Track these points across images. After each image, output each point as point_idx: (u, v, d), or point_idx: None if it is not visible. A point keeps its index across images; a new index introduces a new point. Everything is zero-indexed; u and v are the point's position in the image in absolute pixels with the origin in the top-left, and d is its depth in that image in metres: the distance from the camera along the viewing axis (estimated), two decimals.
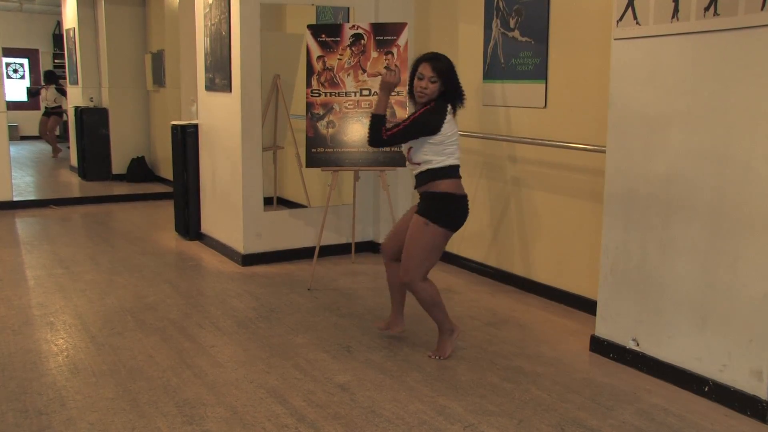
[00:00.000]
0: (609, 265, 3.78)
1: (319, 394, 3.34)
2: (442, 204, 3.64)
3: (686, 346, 3.41)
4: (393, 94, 5.10)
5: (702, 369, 3.34)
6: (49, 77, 13.76)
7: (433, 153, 3.61)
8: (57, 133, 13.74)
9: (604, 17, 4.12)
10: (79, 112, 10.39)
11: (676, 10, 3.28)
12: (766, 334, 3.07)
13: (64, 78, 12.77)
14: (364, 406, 3.21)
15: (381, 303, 4.70)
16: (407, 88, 3.77)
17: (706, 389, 3.31)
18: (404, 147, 3.73)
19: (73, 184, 10.22)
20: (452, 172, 3.66)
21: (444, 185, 3.63)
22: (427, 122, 3.57)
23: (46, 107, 13.64)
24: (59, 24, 14.70)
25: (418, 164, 3.65)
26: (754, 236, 3.08)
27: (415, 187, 3.76)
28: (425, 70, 3.58)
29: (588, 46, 4.39)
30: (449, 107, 3.65)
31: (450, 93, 3.63)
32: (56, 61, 16.18)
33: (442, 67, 3.58)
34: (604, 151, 3.83)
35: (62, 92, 13.23)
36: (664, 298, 3.49)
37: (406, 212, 3.92)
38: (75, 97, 11.20)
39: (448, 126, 3.61)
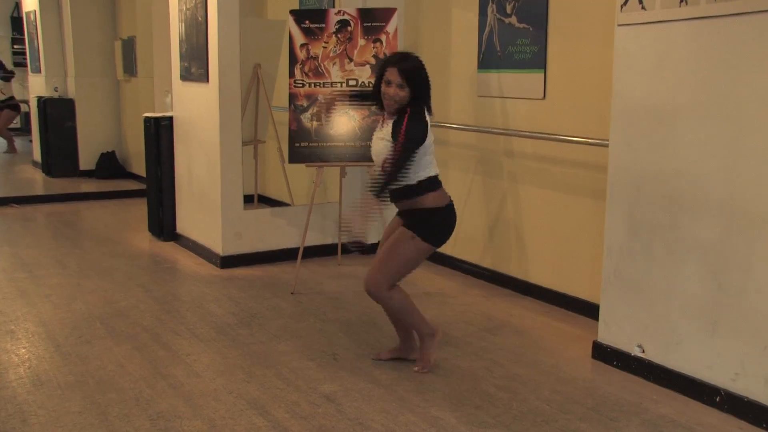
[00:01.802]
0: (612, 267, 3.79)
1: (304, 405, 3.33)
2: (431, 220, 3.58)
3: (696, 353, 3.42)
4: None
5: (713, 378, 3.35)
6: None
7: (416, 165, 3.48)
8: (15, 125, 13.41)
9: (607, 2, 4.13)
10: (43, 102, 10.30)
11: None
12: None
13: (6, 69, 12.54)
14: (352, 418, 3.20)
15: (369, 307, 4.69)
16: (372, 91, 3.62)
17: (718, 399, 3.32)
18: (377, 157, 3.57)
19: (36, 180, 10.16)
20: (434, 183, 3.57)
21: (429, 200, 3.55)
22: (416, 136, 3.43)
23: None
24: (18, 5, 14.56)
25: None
26: (767, 235, 3.08)
27: (392, 201, 3.62)
28: (392, 75, 3.44)
29: (590, 33, 4.40)
30: (425, 111, 3.53)
31: (422, 98, 3.51)
32: (15, 46, 15.96)
33: (410, 69, 3.45)
34: (606, 145, 3.84)
35: (6, 79, 12.88)
36: (672, 302, 3.50)
37: (391, 223, 3.79)
38: (38, 86, 11.10)
39: (430, 133, 3.53)
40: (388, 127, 3.52)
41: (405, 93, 3.46)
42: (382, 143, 3.54)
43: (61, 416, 3.21)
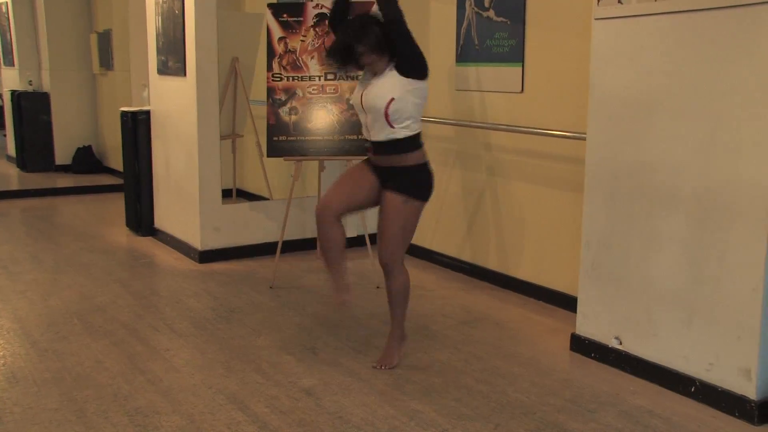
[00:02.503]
0: (590, 260, 3.82)
1: (283, 399, 3.33)
2: (417, 177, 3.57)
3: (672, 344, 3.45)
4: (359, 76, 5.09)
5: (688, 368, 3.39)
6: None
7: (417, 114, 3.50)
8: None
9: None
10: (17, 96, 10.17)
11: None
12: (754, 330, 3.12)
13: None
14: (331, 412, 3.21)
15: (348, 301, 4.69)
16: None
17: (693, 389, 3.36)
18: (381, 100, 3.43)
19: (10, 175, 10.05)
20: (418, 140, 3.58)
21: (412, 158, 3.54)
22: (420, 52, 3.49)
23: None
24: None
25: (393, 128, 3.47)
26: (743, 228, 3.12)
27: (375, 154, 3.57)
28: (361, 51, 3.48)
29: (568, 27, 4.42)
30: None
31: (402, 57, 3.50)
32: None
33: (369, 29, 3.47)
34: (584, 139, 3.86)
35: None
36: (649, 294, 3.53)
37: (353, 169, 3.73)
38: (11, 80, 10.97)
39: (426, 85, 3.56)
40: (386, 72, 3.48)
41: (375, 56, 3.47)
42: (384, 83, 3.46)
43: (38, 413, 3.18)
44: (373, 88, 3.49)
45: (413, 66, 3.47)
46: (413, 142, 3.54)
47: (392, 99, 3.42)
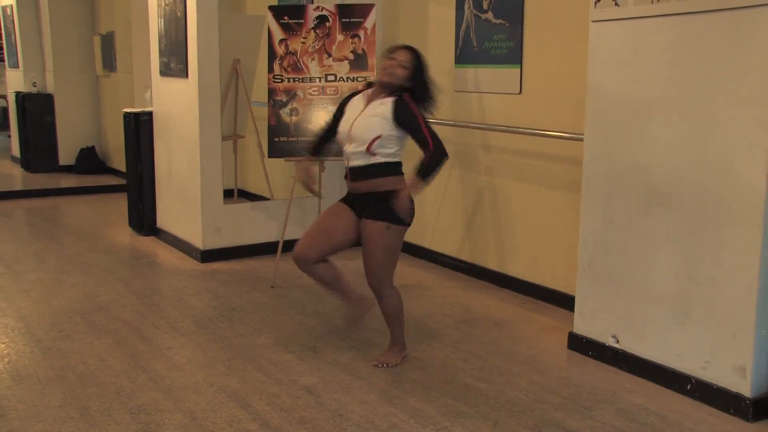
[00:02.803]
0: (587, 259, 3.82)
1: (284, 397, 3.33)
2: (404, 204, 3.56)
3: (668, 342, 3.46)
4: (360, 79, 5.10)
5: (684, 366, 3.39)
6: None
7: (396, 146, 3.53)
8: None
9: None
10: (21, 98, 10.18)
11: None
12: (749, 329, 3.12)
13: None
14: (332, 410, 3.21)
15: None
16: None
17: (689, 387, 3.36)
18: (367, 134, 3.46)
19: (15, 176, 10.05)
20: (399, 168, 3.59)
21: (398, 181, 3.54)
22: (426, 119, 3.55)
23: None
24: None
25: (374, 155, 3.48)
26: (738, 227, 3.12)
27: (353, 180, 3.56)
28: (401, 55, 3.51)
29: (565, 29, 4.42)
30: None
31: (417, 92, 3.53)
32: None
33: (419, 58, 3.53)
34: (581, 139, 3.86)
35: None
36: (645, 293, 3.53)
37: (326, 213, 3.70)
38: (15, 81, 10.98)
39: None
40: (382, 107, 3.48)
41: (403, 74, 3.48)
42: (375, 120, 3.47)
43: (42, 411, 3.18)
44: (363, 122, 3.49)
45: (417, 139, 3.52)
46: (393, 168, 3.55)
47: (379, 136, 3.46)
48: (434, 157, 3.42)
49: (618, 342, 3.70)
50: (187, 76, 5.64)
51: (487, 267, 5.18)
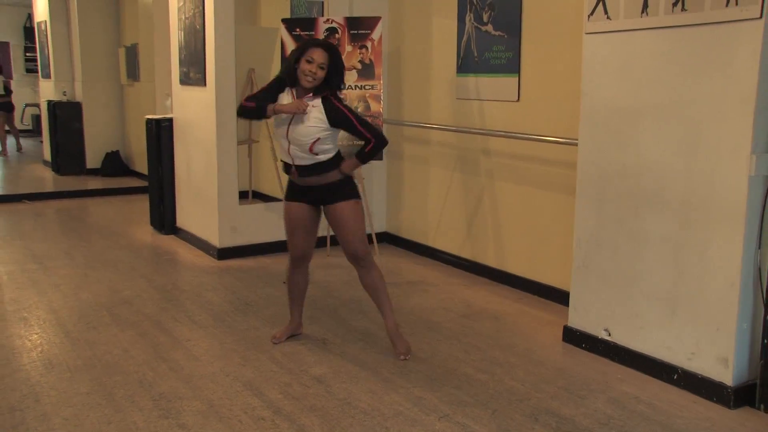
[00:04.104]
0: (581, 257, 3.82)
1: (295, 386, 3.34)
2: (352, 183, 3.66)
3: (656, 335, 3.45)
4: (368, 87, 5.11)
5: (671, 357, 3.39)
6: None
7: (333, 142, 3.57)
8: (25, 126, 13.22)
9: (575, 11, 4.16)
10: (52, 106, 10.24)
11: (645, 5, 3.31)
12: (731, 322, 3.12)
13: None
14: (340, 398, 3.22)
15: (356, 296, 4.70)
16: (282, 68, 3.57)
17: (675, 377, 3.36)
18: (306, 138, 3.48)
19: (46, 178, 10.09)
20: (340, 155, 3.64)
21: (337, 173, 3.60)
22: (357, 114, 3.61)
23: None
24: (30, 16, 14.46)
25: (317, 154, 3.52)
26: (722, 227, 3.12)
27: (305, 176, 3.56)
28: (317, 55, 3.43)
29: (560, 40, 4.42)
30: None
31: (334, 81, 3.52)
32: (27, 54, 15.90)
33: (335, 53, 3.51)
34: (576, 144, 3.86)
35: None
36: (636, 289, 3.53)
37: (289, 219, 3.70)
38: (48, 90, 11.04)
39: None
40: (315, 112, 3.47)
41: (322, 74, 3.46)
42: (312, 127, 3.47)
43: (71, 397, 3.21)
44: (300, 126, 3.48)
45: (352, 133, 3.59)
46: (336, 161, 3.58)
47: (318, 138, 3.49)
48: (376, 147, 3.55)
49: (610, 335, 3.70)
50: (205, 85, 5.66)
51: (487, 264, 5.18)
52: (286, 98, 3.57)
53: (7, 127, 12.86)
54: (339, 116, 3.50)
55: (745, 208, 3.03)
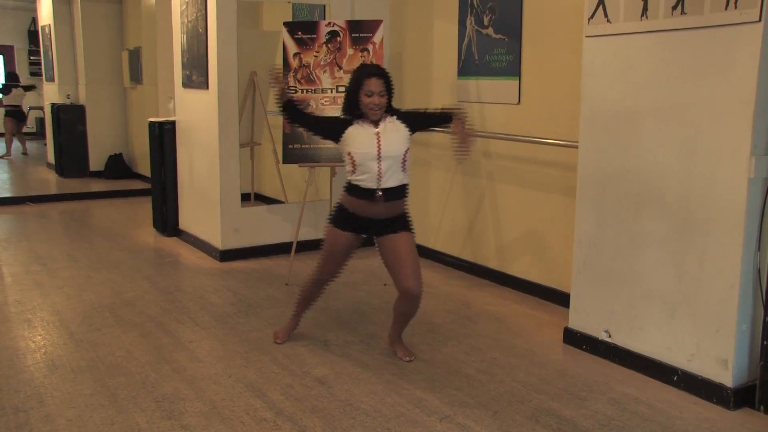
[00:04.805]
0: (582, 258, 3.82)
1: (297, 387, 3.34)
2: (408, 216, 3.62)
3: (656, 336, 3.45)
4: None
5: (671, 359, 3.39)
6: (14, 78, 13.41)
7: (406, 166, 3.53)
8: (29, 129, 13.30)
9: (576, 15, 4.15)
10: (56, 109, 10.26)
11: (645, 9, 3.31)
12: (731, 323, 3.12)
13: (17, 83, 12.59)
14: (342, 399, 3.22)
15: (358, 298, 4.70)
16: (344, 105, 3.50)
17: (675, 378, 3.36)
18: (399, 151, 3.42)
19: (50, 180, 10.10)
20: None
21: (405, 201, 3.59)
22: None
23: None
24: (34, 20, 14.49)
25: (406, 173, 3.47)
26: (721, 229, 3.12)
27: (390, 200, 3.45)
28: (375, 85, 3.38)
29: (560, 43, 4.42)
30: None
31: (391, 100, 3.51)
32: (32, 58, 15.94)
33: (388, 78, 3.46)
34: (576, 147, 3.86)
35: (6, 92, 12.92)
36: (636, 290, 3.53)
37: (340, 241, 3.60)
38: (51, 94, 11.05)
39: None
40: (392, 125, 3.45)
41: (385, 100, 3.44)
42: (402, 138, 3.45)
43: (75, 398, 3.21)
44: (389, 138, 3.42)
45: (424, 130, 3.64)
46: (407, 189, 3.56)
47: (408, 148, 3.47)
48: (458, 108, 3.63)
49: (610, 336, 3.70)
50: (207, 88, 5.66)
51: (488, 266, 5.18)
52: (359, 132, 3.45)
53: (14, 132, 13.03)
54: (410, 114, 3.56)
55: (744, 210, 3.03)
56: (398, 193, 3.49)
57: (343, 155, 3.51)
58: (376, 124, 3.45)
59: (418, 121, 3.58)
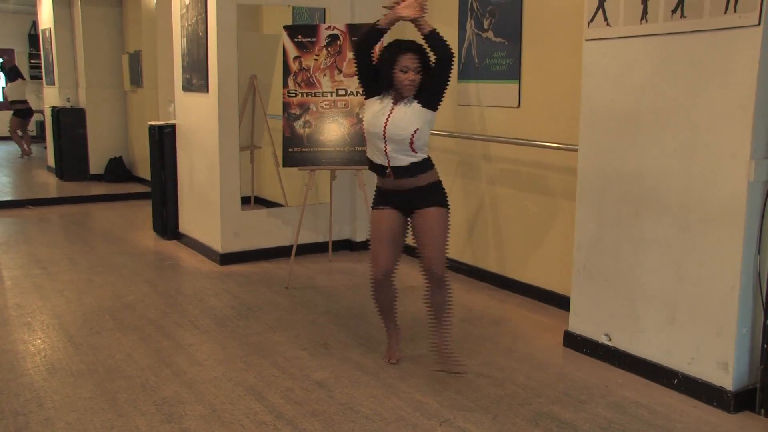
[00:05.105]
0: (582, 261, 3.81)
1: (297, 391, 3.34)
2: (442, 190, 3.48)
3: (657, 340, 3.45)
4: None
5: (671, 362, 3.38)
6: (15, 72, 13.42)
7: (426, 138, 3.39)
8: (19, 134, 13.34)
9: (575, 18, 4.15)
10: (56, 112, 10.27)
11: (644, 12, 3.32)
12: (732, 326, 3.11)
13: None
14: (342, 403, 3.21)
15: (358, 301, 4.70)
16: (385, 81, 3.31)
17: (676, 382, 3.35)
18: (408, 129, 3.28)
19: (50, 184, 10.10)
20: (431, 161, 3.48)
21: (435, 173, 3.45)
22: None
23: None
24: (35, 24, 14.50)
25: (416, 153, 3.34)
26: (722, 232, 3.12)
27: (398, 178, 3.36)
28: (411, 61, 3.25)
29: (560, 47, 4.42)
30: None
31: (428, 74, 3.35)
32: (32, 61, 15.95)
33: (425, 54, 3.32)
34: (576, 150, 3.86)
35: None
36: (636, 293, 3.53)
37: (378, 224, 3.47)
38: (52, 97, 11.06)
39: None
40: (407, 105, 3.32)
41: (420, 76, 3.28)
42: (411, 112, 3.30)
43: (74, 401, 3.20)
44: (397, 119, 3.31)
45: (438, 100, 3.36)
46: (430, 162, 3.44)
47: (417, 129, 3.31)
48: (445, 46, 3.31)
49: (610, 339, 3.69)
50: (207, 91, 5.66)
51: (487, 269, 5.18)
52: (377, 106, 3.36)
53: (20, 132, 13.07)
54: (422, 88, 3.30)
55: (744, 213, 3.03)
56: (410, 171, 3.36)
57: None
58: (398, 100, 3.34)
59: (427, 88, 3.31)
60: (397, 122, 3.31)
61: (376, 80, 3.38)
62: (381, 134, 3.33)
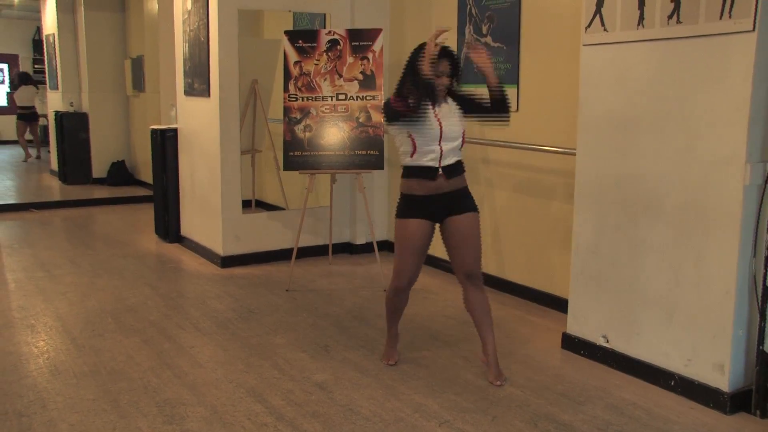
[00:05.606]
0: (580, 265, 3.82)
1: (298, 392, 3.34)
2: (472, 195, 3.52)
3: (654, 342, 3.45)
4: (369, 98, 5.12)
5: (668, 364, 3.39)
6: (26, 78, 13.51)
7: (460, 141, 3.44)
8: (27, 137, 13.42)
9: (573, 24, 4.17)
10: (59, 116, 10.28)
11: (641, 18, 3.33)
12: (727, 329, 3.12)
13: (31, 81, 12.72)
14: (342, 404, 3.22)
15: (358, 303, 4.70)
16: (404, 84, 3.27)
17: (672, 383, 3.35)
18: (459, 131, 3.37)
19: (53, 187, 10.11)
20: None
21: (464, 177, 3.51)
22: None
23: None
24: (39, 29, 14.53)
25: (459, 150, 3.41)
26: (718, 235, 3.13)
27: (452, 177, 3.39)
28: (445, 67, 3.30)
29: (558, 52, 4.43)
30: None
31: (457, 78, 3.43)
32: (36, 66, 15.99)
33: (458, 62, 3.39)
34: (574, 154, 3.87)
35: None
36: (634, 296, 3.53)
37: (413, 229, 3.42)
38: (55, 101, 11.08)
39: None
40: (450, 107, 3.39)
41: (450, 80, 3.36)
42: (452, 112, 3.38)
43: (77, 403, 3.21)
44: (449, 119, 3.36)
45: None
46: (463, 164, 3.50)
47: (464, 129, 3.43)
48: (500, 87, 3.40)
49: (608, 341, 3.70)
50: (209, 96, 5.68)
51: (487, 272, 5.17)
52: (437, 111, 3.37)
53: (30, 137, 13.11)
54: (463, 97, 3.42)
55: (740, 216, 3.04)
56: (457, 168, 3.43)
57: (399, 136, 3.38)
58: (434, 104, 3.36)
59: (469, 106, 3.43)
60: (451, 123, 3.37)
61: (417, 104, 3.25)
62: (438, 135, 3.33)
